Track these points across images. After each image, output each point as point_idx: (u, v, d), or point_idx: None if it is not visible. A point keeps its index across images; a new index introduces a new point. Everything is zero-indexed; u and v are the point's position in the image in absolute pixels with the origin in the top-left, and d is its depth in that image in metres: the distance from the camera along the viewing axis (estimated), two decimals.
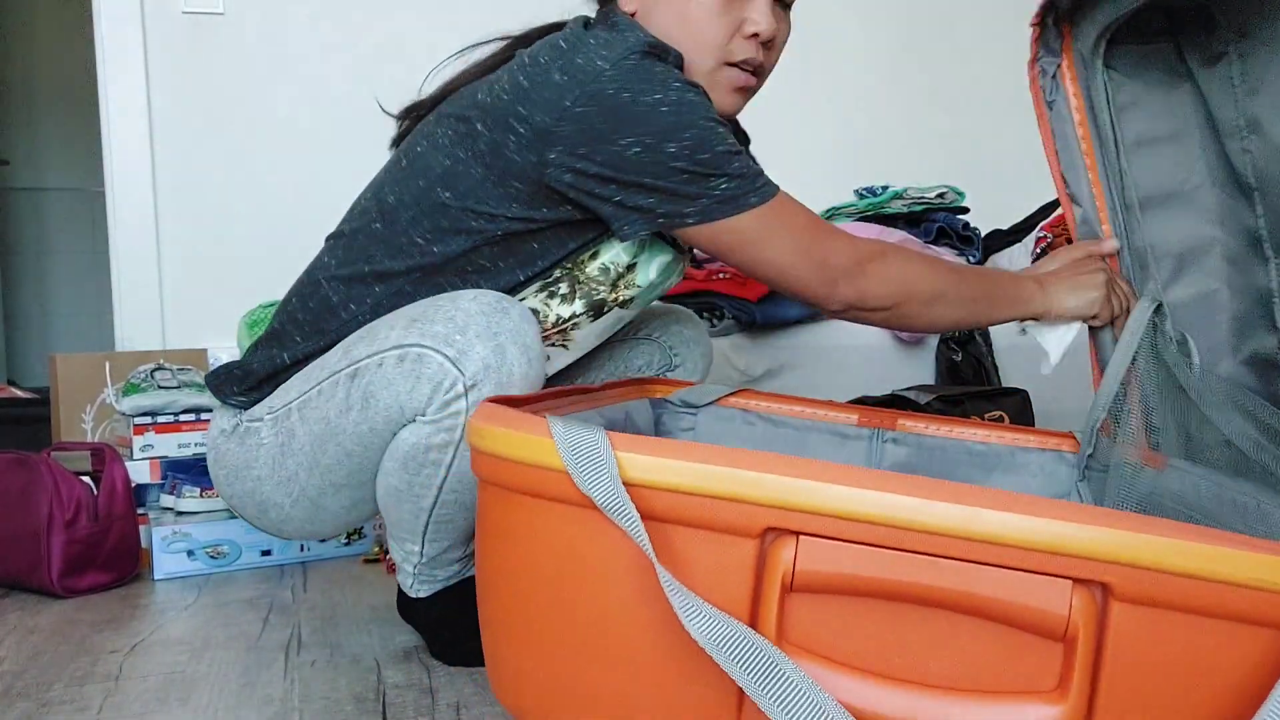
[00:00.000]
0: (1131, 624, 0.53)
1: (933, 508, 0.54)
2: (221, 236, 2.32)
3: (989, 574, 0.54)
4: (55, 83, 4.17)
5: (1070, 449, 1.13)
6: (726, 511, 0.56)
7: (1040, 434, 1.14)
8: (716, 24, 1.04)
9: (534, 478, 0.59)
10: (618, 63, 0.98)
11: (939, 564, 0.54)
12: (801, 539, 0.56)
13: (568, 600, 0.60)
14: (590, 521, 0.57)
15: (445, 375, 0.99)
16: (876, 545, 0.55)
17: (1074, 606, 0.53)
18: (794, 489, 0.55)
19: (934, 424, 1.17)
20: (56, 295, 4.26)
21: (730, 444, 1.22)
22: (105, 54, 2.26)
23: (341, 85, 2.41)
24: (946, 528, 0.54)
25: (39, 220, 4.24)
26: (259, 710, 1.00)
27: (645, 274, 1.12)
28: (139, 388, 1.75)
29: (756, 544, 0.56)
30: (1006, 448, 1.15)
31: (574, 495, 0.57)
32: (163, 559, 1.57)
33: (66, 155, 4.18)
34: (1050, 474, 1.13)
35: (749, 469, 0.56)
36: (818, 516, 0.55)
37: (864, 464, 1.18)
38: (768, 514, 0.56)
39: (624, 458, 0.57)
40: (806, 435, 1.20)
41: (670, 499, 0.57)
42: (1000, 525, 0.53)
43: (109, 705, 1.03)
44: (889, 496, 0.54)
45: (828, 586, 0.56)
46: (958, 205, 2.29)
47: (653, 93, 0.97)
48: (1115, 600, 0.53)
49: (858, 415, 1.19)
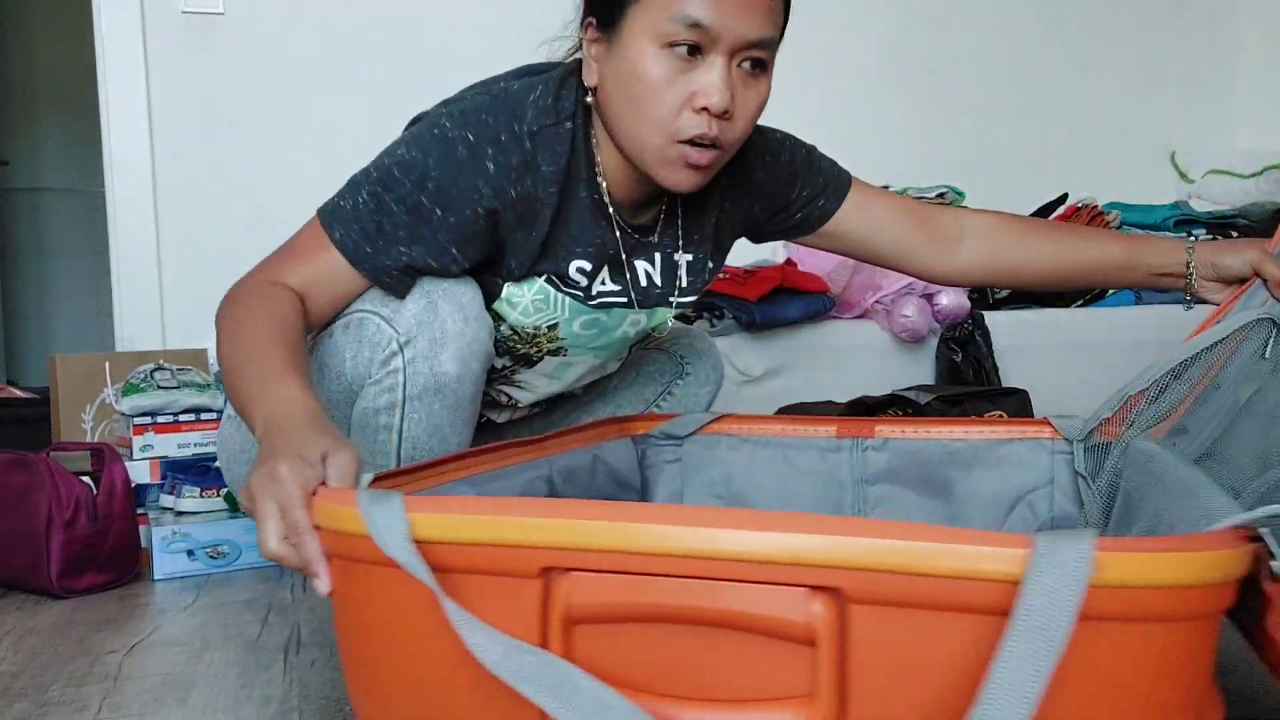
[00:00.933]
0: (868, 625, 0.56)
1: (673, 533, 0.57)
2: (221, 236, 2.32)
3: (730, 589, 0.57)
4: (55, 83, 4.17)
5: (1050, 435, 1.14)
6: (507, 557, 0.61)
7: (1016, 424, 1.16)
8: (661, 98, 0.94)
9: (352, 544, 0.64)
10: (455, 107, 1.02)
11: (688, 585, 0.58)
12: (572, 575, 0.60)
13: (394, 653, 0.65)
14: (398, 579, 0.62)
15: (381, 334, 1.01)
16: (632, 573, 0.59)
17: (812, 613, 0.56)
18: (559, 529, 0.60)
19: (910, 426, 1.19)
20: (56, 295, 4.26)
21: (718, 470, 1.24)
22: (105, 54, 2.26)
23: (341, 85, 2.41)
24: (689, 550, 0.57)
25: (39, 220, 4.24)
26: (258, 710, 1.00)
27: (569, 328, 1.13)
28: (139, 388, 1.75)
29: (539, 583, 0.61)
30: (985, 442, 1.16)
31: (382, 557, 0.62)
32: (162, 559, 1.57)
33: (66, 155, 4.18)
34: (1031, 462, 1.14)
35: (519, 516, 0.61)
36: (581, 552, 0.60)
37: (848, 474, 1.20)
38: (542, 555, 0.60)
39: (415, 518, 0.62)
40: (790, 453, 1.22)
41: (460, 551, 0.62)
42: (735, 542, 0.56)
43: (108, 705, 1.03)
44: (635, 526, 0.58)
45: (600, 616, 0.60)
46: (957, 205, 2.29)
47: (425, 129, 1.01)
48: (851, 603, 0.56)
49: (836, 427, 1.20)
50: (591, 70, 1.00)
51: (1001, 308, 2.25)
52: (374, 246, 1.00)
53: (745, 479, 1.24)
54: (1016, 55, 2.92)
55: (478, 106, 1.01)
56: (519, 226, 1.04)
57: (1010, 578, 0.52)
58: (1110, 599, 0.51)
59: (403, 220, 1.00)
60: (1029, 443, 1.15)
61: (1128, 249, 1.20)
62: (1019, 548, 0.52)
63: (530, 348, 1.14)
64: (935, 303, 2.06)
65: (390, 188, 0.99)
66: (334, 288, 1.02)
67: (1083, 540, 0.52)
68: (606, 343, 1.18)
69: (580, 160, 1.05)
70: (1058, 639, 0.50)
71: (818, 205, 1.23)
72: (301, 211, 1.08)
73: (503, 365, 1.16)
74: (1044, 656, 0.50)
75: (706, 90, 0.93)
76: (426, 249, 1.01)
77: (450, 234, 1.01)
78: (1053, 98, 2.95)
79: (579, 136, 1.04)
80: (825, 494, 1.21)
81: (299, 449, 0.69)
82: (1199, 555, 0.52)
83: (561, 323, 1.12)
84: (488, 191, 1.00)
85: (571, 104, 1.04)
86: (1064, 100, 2.96)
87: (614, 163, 1.05)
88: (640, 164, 1.01)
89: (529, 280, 1.08)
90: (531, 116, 1.01)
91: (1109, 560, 0.51)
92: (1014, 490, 1.15)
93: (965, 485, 1.16)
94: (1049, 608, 0.50)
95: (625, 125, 0.98)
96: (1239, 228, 2.38)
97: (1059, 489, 1.14)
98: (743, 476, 1.24)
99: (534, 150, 1.01)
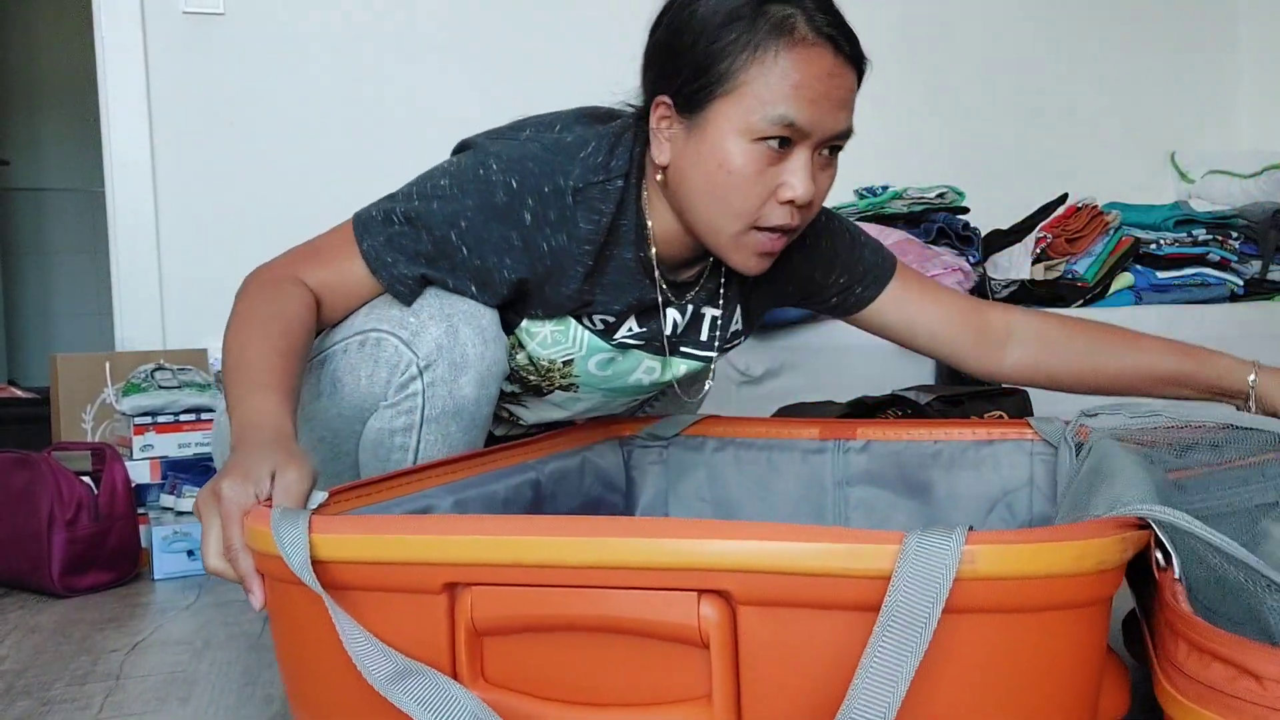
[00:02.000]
0: (756, 626, 0.57)
1: (565, 544, 0.59)
2: (221, 236, 2.32)
3: (623, 596, 0.59)
4: (55, 83, 4.17)
5: (1031, 436, 1.15)
6: (409, 574, 0.63)
7: (996, 425, 1.16)
8: (749, 191, 0.94)
9: (270, 564, 0.66)
10: (503, 156, 1.00)
11: (584, 594, 0.59)
12: (473, 589, 0.62)
13: (314, 666, 0.67)
14: (309, 596, 0.63)
15: (400, 357, 1.00)
16: (531, 585, 0.60)
17: (702, 616, 0.57)
18: (457, 546, 0.61)
19: (891, 429, 1.19)
20: (57, 295, 4.26)
21: (703, 472, 1.25)
22: (105, 54, 2.26)
23: (341, 85, 2.41)
24: (581, 561, 0.58)
25: (39, 220, 4.24)
26: (260, 710, 1.00)
27: (584, 366, 1.12)
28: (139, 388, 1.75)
29: (444, 598, 0.63)
30: (965, 443, 1.16)
31: (292, 575, 0.64)
32: (163, 559, 1.57)
33: (66, 155, 4.17)
34: (1012, 463, 1.15)
35: (419, 534, 0.62)
36: (480, 567, 0.61)
37: (830, 476, 1.20)
38: (444, 571, 0.62)
39: (316, 539, 0.64)
40: (773, 455, 1.22)
41: (364, 570, 0.64)
42: (625, 551, 0.57)
43: (110, 704, 1.03)
44: (529, 540, 0.59)
45: (504, 628, 0.62)
46: (958, 205, 2.29)
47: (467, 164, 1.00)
48: (739, 605, 0.57)
49: (818, 429, 1.21)
50: (664, 149, 0.99)
51: None
52: (393, 258, 1.01)
53: (729, 481, 1.24)
54: (1017, 55, 2.92)
55: (526, 154, 1.00)
56: (546, 282, 1.03)
57: (881, 574, 0.53)
58: (983, 591, 0.52)
59: (427, 250, 1.00)
60: (1009, 444, 1.15)
61: (1183, 363, 1.14)
62: (889, 544, 0.53)
63: (543, 380, 1.13)
64: None
65: (424, 217, 0.99)
66: (350, 291, 1.03)
67: (952, 534, 0.53)
68: (620, 386, 1.17)
69: (629, 220, 1.04)
70: (924, 632, 0.51)
71: (854, 293, 1.20)
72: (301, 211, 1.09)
73: (511, 391, 1.16)
74: (911, 649, 0.51)
75: (793, 184, 0.94)
76: (442, 277, 1.02)
77: (470, 274, 1.01)
78: (1053, 98, 2.95)
79: (630, 196, 1.03)
80: (807, 496, 1.21)
81: (247, 468, 0.72)
82: (1067, 545, 0.53)
83: (577, 359, 1.11)
84: (519, 244, 1.00)
85: (625, 162, 1.02)
86: (1064, 100, 2.96)
87: (667, 226, 1.04)
88: (709, 244, 1.01)
89: (553, 318, 1.08)
90: (579, 174, 1.00)
91: (979, 553, 0.52)
92: (993, 491, 1.16)
93: (945, 486, 1.17)
94: (914, 601, 0.51)
95: (701, 208, 0.97)
96: (1239, 228, 2.39)
97: (1037, 489, 1.15)
98: (727, 478, 1.24)
99: (574, 207, 1.00)
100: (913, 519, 1.17)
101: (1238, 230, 2.38)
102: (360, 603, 0.64)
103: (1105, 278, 2.27)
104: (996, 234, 2.38)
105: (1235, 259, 2.35)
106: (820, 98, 0.92)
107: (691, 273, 1.12)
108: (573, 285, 1.04)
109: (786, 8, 0.92)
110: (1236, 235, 2.36)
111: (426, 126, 2.41)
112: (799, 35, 0.91)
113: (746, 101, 0.92)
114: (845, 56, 0.94)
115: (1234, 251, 2.35)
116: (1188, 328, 2.23)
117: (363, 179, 2.37)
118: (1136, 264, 2.32)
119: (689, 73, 0.94)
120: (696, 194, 0.97)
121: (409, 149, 2.42)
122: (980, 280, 2.28)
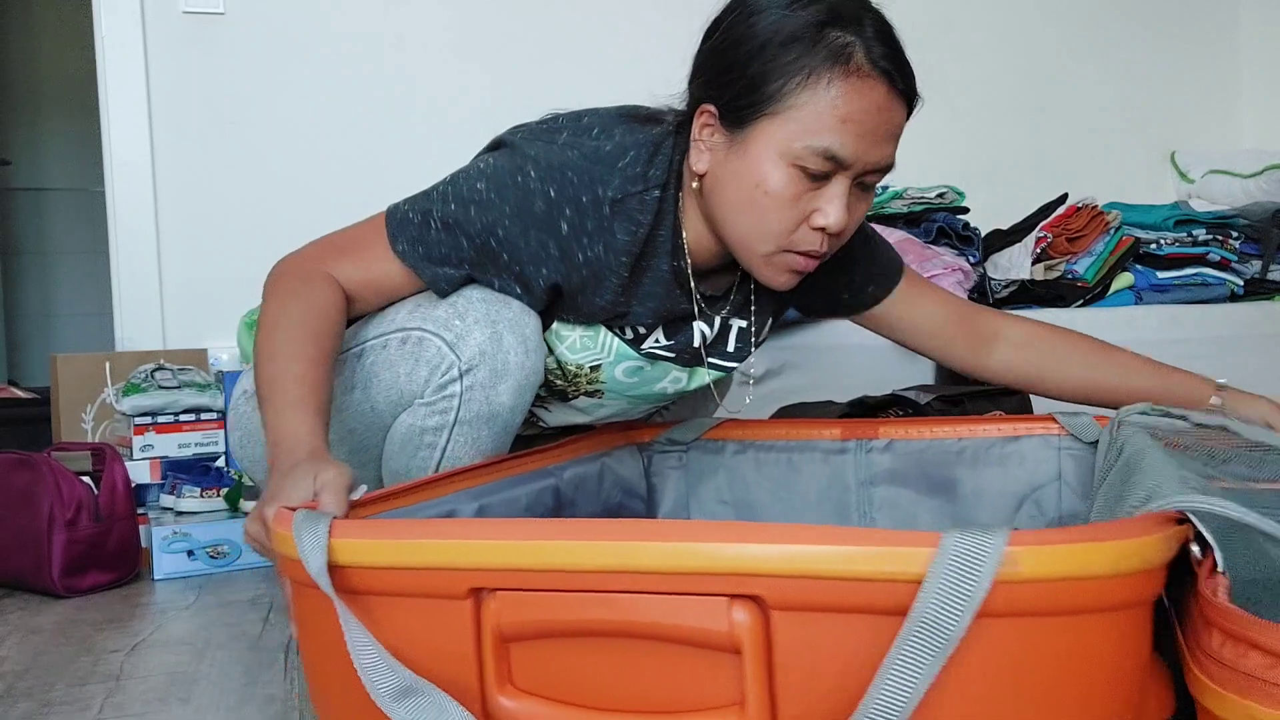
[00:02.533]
0: (790, 631, 0.55)
1: (593, 548, 0.57)
2: (221, 236, 2.32)
3: (654, 601, 0.57)
4: (55, 83, 4.17)
5: (1057, 431, 1.13)
6: (433, 579, 0.62)
7: (1022, 421, 1.15)
8: (783, 214, 0.94)
9: (292, 567, 0.66)
10: (542, 161, 0.99)
11: (613, 599, 0.58)
12: (500, 594, 0.61)
13: (333, 671, 0.66)
14: (326, 601, 0.63)
15: (442, 359, 1.00)
16: (559, 590, 0.59)
17: (734, 622, 0.56)
18: (482, 550, 0.60)
19: (914, 427, 1.18)
20: (57, 295, 4.26)
21: (723, 476, 1.24)
22: (105, 54, 2.26)
23: (341, 85, 2.41)
24: (610, 565, 0.57)
25: (40, 220, 4.24)
26: (260, 709, 1.00)
27: (611, 373, 1.11)
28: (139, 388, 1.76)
29: (469, 604, 0.62)
30: (990, 440, 1.15)
31: (310, 579, 0.63)
32: (163, 559, 1.57)
33: (67, 155, 4.17)
34: (1038, 459, 1.14)
35: (443, 538, 0.61)
36: (506, 572, 0.60)
37: (852, 476, 1.19)
38: (469, 576, 0.61)
39: (336, 544, 0.63)
40: (794, 456, 1.21)
41: (386, 575, 0.63)
42: (654, 554, 0.56)
43: (110, 705, 1.03)
44: (556, 544, 0.58)
45: (531, 634, 0.61)
46: (958, 205, 2.29)
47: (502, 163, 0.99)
48: (772, 610, 0.55)
49: (840, 429, 1.20)
50: (703, 157, 0.98)
51: (1002, 308, 2.25)
52: (435, 260, 1.01)
53: (750, 484, 1.23)
54: (1017, 55, 2.92)
55: (565, 163, 0.99)
56: (581, 291, 1.03)
57: (914, 577, 0.52)
58: (1024, 594, 0.51)
59: (469, 256, 1.00)
60: (1035, 439, 1.14)
61: (1153, 381, 1.18)
62: (923, 547, 0.52)
63: (569, 385, 1.13)
64: None
65: (461, 224, 0.99)
66: (388, 289, 1.03)
67: (993, 536, 0.51)
68: (645, 394, 1.16)
69: (665, 230, 1.03)
70: (949, 636, 0.49)
71: (866, 291, 1.21)
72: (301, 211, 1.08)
73: (537, 394, 1.15)
74: (932, 655, 0.50)
75: (827, 212, 0.94)
76: (486, 278, 1.02)
77: (512, 277, 1.01)
78: (1053, 98, 2.95)
79: (667, 207, 1.02)
80: (830, 497, 1.20)
81: (288, 491, 0.74)
82: (1111, 545, 0.51)
83: (605, 365, 1.10)
84: (555, 253, 0.99)
85: (663, 172, 1.01)
86: (1064, 100, 2.96)
87: (700, 235, 1.04)
88: (740, 258, 1.01)
89: (585, 322, 1.08)
90: (618, 184, 0.99)
91: (1021, 554, 0.50)
92: (1021, 488, 1.14)
93: (971, 484, 1.15)
94: (942, 605, 0.50)
95: (735, 223, 0.98)
96: (1239, 228, 2.38)
97: (1066, 485, 1.13)
98: (748, 481, 1.23)
99: (612, 218, 0.99)
100: (939, 518, 1.15)
101: (1238, 230, 2.37)
102: (382, 609, 0.63)
103: (1105, 278, 2.27)
104: (996, 234, 2.38)
105: (1236, 259, 2.35)
106: (867, 132, 0.92)
107: (723, 283, 1.12)
108: (607, 296, 1.03)
109: (846, 35, 0.91)
110: (1237, 235, 2.36)
111: (426, 125, 2.41)
112: (854, 65, 0.91)
113: (792, 126, 0.91)
114: (898, 92, 0.94)
115: (1234, 251, 2.35)
116: (1188, 328, 2.23)
117: (363, 178, 2.37)
118: (1137, 264, 2.31)
119: (741, 87, 0.93)
120: (731, 208, 0.97)
121: (409, 148, 2.42)
122: (980, 280, 2.28)
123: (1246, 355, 2.27)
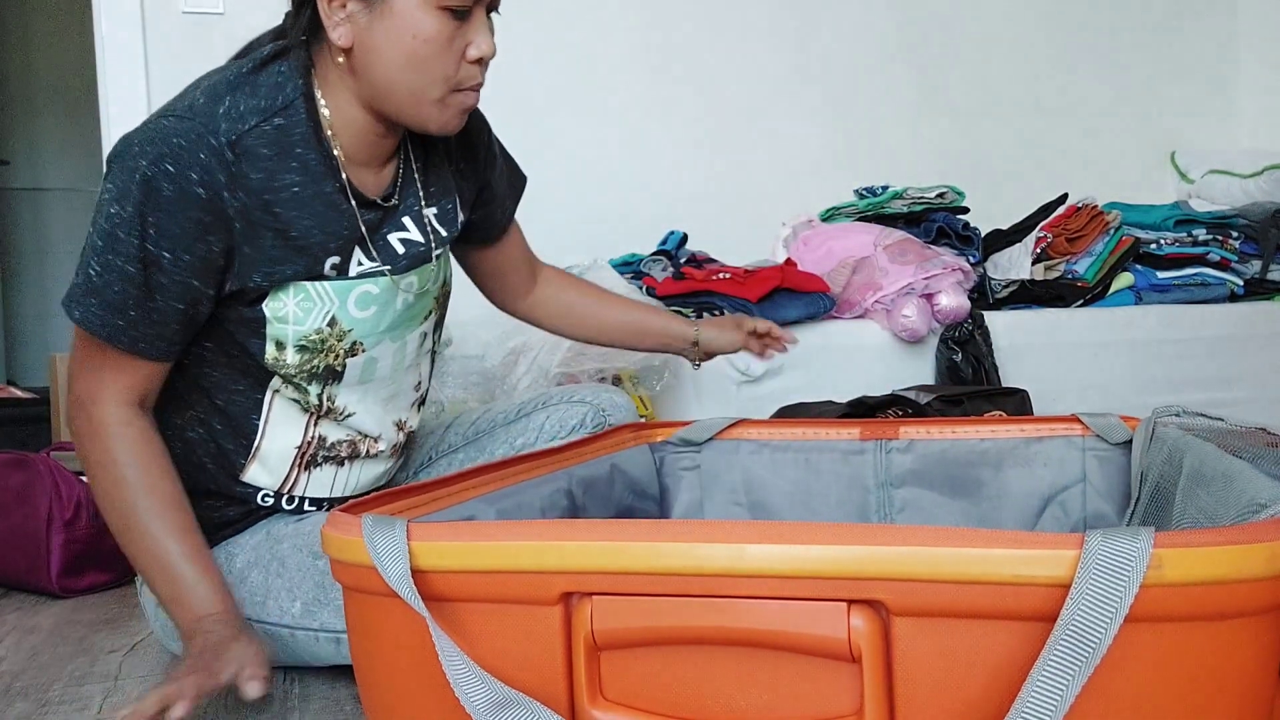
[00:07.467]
0: (912, 638, 0.53)
1: (699, 550, 0.54)
2: None
3: (763, 607, 0.54)
4: (55, 83, 4.17)
5: (1080, 432, 1.11)
6: (520, 584, 0.58)
7: (1045, 421, 1.13)
8: (444, 57, 1.02)
9: (360, 575, 0.63)
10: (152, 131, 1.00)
11: (718, 604, 0.55)
12: (595, 599, 0.57)
13: (404, 683, 0.63)
14: (401, 610, 0.60)
15: None
16: (659, 595, 0.56)
17: (853, 628, 0.53)
18: (578, 552, 0.57)
19: (936, 427, 1.15)
20: (56, 295, 4.26)
21: (738, 476, 1.21)
22: (105, 54, 2.26)
23: None
24: (717, 568, 0.54)
25: (39, 220, 4.24)
26: (259, 710, 1.00)
27: (345, 313, 1.08)
28: None
29: (559, 609, 0.58)
30: (1012, 440, 1.13)
31: (386, 588, 0.60)
32: None
33: (66, 155, 4.18)
34: (1063, 460, 1.11)
35: (534, 540, 0.58)
36: (602, 575, 0.57)
37: (872, 477, 1.17)
38: (560, 580, 0.58)
39: (417, 547, 0.60)
40: (811, 456, 1.19)
41: (470, 579, 0.59)
42: (767, 558, 0.53)
43: (109, 705, 1.03)
44: (658, 545, 0.55)
45: (627, 641, 0.58)
46: (958, 205, 2.29)
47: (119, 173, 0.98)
48: (895, 616, 0.53)
49: (860, 429, 1.17)
50: (343, 30, 1.01)
51: (1001, 307, 2.25)
52: (124, 319, 0.98)
53: (766, 484, 1.21)
54: (1016, 55, 2.92)
55: (166, 132, 0.98)
56: (246, 240, 1.01)
57: (1060, 581, 0.49)
58: (1170, 598, 0.49)
59: (138, 278, 0.98)
60: (1058, 440, 1.11)
61: (646, 315, 1.44)
62: (1068, 549, 0.49)
63: (328, 356, 1.08)
64: (935, 303, 2.05)
65: (116, 249, 0.97)
66: (144, 372, 1.02)
67: (1138, 538, 0.49)
68: (392, 321, 1.12)
69: (305, 136, 1.03)
70: (1099, 645, 0.47)
71: (505, 209, 1.31)
72: None
73: (316, 393, 1.10)
74: (1081, 664, 0.47)
75: (480, 44, 1.03)
76: (170, 296, 0.99)
77: (187, 271, 0.99)
78: (1053, 98, 2.95)
79: (297, 117, 1.03)
80: (849, 498, 1.17)
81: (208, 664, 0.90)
82: (1259, 547, 0.49)
83: (337, 311, 1.07)
84: (207, 218, 0.98)
85: (290, 90, 1.03)
86: (1064, 100, 2.96)
87: (348, 123, 1.06)
88: (410, 116, 1.04)
89: (282, 288, 1.04)
90: (225, 128, 0.99)
91: (1167, 557, 0.48)
92: (1045, 489, 1.12)
93: (994, 485, 1.13)
94: (1093, 612, 0.48)
95: (401, 80, 1.02)
96: (1239, 228, 2.39)
97: (1091, 486, 1.11)
98: (763, 482, 1.21)
99: (238, 160, 0.99)
100: (962, 520, 1.13)
101: (1238, 230, 2.38)
102: (462, 615, 0.60)
103: (1105, 277, 2.27)
104: (996, 234, 2.38)
105: (1235, 259, 2.35)
106: None
107: (385, 178, 1.12)
108: (271, 234, 1.02)
109: None
110: (1236, 235, 2.36)
111: None
112: None
113: None
114: None
115: (1234, 251, 2.35)
116: (1187, 328, 2.23)
117: None
118: (1136, 264, 2.32)
119: None
120: (393, 67, 1.01)
121: None
122: (980, 280, 2.28)
123: (1246, 355, 2.27)
